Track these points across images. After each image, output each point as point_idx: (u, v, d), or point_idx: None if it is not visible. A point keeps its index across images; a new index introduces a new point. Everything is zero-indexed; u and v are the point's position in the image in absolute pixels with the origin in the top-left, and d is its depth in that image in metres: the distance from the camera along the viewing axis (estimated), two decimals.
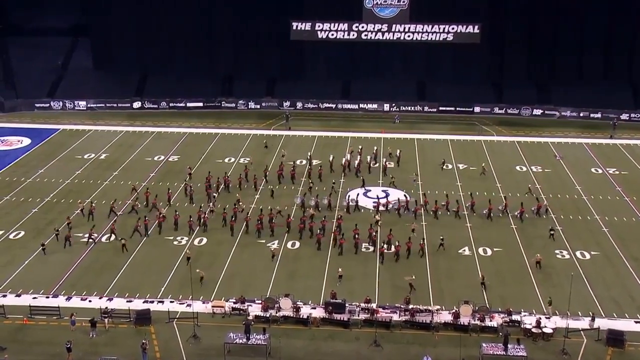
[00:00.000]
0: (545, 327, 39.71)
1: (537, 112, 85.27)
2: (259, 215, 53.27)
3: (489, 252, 50.00)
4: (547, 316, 41.14)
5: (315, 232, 51.54)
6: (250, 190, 60.19)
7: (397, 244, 48.83)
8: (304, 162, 66.99)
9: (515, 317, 40.76)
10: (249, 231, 52.35)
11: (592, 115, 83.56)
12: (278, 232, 52.04)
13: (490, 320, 40.39)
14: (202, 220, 53.32)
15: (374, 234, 50.89)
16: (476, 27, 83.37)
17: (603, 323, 40.39)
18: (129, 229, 52.23)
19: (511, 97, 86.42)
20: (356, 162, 65.82)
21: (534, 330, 39.53)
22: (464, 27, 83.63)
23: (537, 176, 64.68)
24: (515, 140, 75.21)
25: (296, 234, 51.86)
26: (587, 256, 49.50)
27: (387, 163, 66.51)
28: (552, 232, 52.03)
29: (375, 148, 69.58)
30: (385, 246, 49.28)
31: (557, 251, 50.07)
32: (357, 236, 49.97)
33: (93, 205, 56.01)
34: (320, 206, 56.35)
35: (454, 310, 40.99)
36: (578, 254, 49.76)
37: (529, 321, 40.26)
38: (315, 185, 60.66)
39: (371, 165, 66.29)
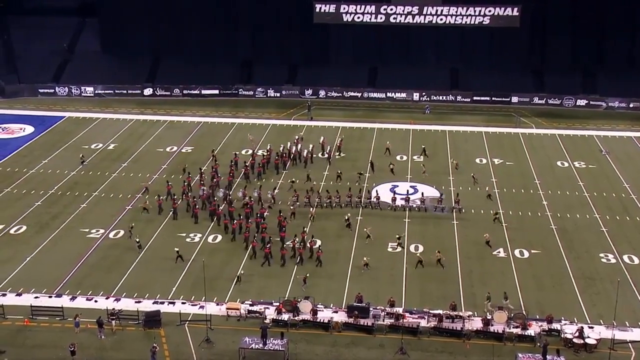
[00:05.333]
0: (588, 337, 39.30)
1: (582, 102, 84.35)
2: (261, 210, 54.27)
3: (526, 254, 49.63)
4: (590, 325, 40.76)
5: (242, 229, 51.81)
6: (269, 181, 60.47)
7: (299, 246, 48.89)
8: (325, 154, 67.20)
9: (554, 325, 40.41)
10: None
11: None
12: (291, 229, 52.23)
13: (527, 329, 40.09)
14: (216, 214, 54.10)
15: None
16: (515, 9, 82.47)
17: None
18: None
19: (553, 86, 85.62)
20: (305, 152, 65.99)
21: (575, 340, 39.14)
22: (502, 9, 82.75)
23: (580, 172, 64.05)
24: (557, 134, 74.49)
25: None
26: (636, 261, 48.88)
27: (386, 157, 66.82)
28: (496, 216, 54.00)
29: (322, 138, 69.29)
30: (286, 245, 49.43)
31: (602, 255, 49.57)
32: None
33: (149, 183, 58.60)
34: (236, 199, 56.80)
35: (483, 317, 40.79)
36: (625, 258, 49.16)
37: (569, 330, 39.90)
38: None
39: (319, 155, 66.33)
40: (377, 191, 58.39)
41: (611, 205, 57.48)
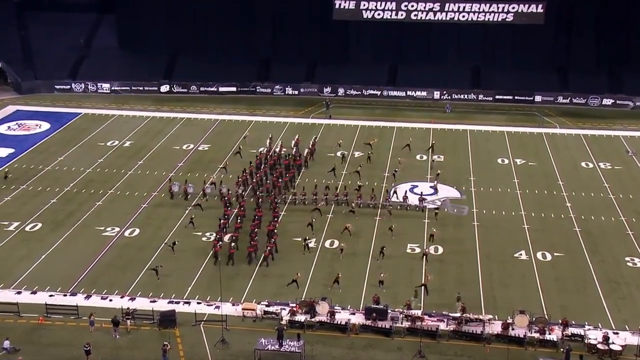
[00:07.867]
0: (613, 343, 38.91)
1: (608, 102, 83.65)
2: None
3: (549, 256, 49.27)
4: (615, 331, 40.35)
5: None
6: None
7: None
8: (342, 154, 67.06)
9: (577, 330, 40.06)
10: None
11: None
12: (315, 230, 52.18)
13: (549, 333, 39.76)
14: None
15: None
16: (540, 6, 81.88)
17: None
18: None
19: (578, 85, 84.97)
20: (305, 151, 65.71)
21: (599, 346, 38.75)
22: (526, 6, 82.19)
23: (606, 174, 63.49)
24: (581, 134, 73.89)
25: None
26: None
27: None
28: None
29: (297, 136, 68.90)
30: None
31: (627, 258, 49.09)
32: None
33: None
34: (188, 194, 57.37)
35: (504, 321, 40.49)
36: None
37: (593, 336, 39.51)
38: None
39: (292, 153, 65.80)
40: (395, 191, 58.20)
41: (637, 207, 56.89)
